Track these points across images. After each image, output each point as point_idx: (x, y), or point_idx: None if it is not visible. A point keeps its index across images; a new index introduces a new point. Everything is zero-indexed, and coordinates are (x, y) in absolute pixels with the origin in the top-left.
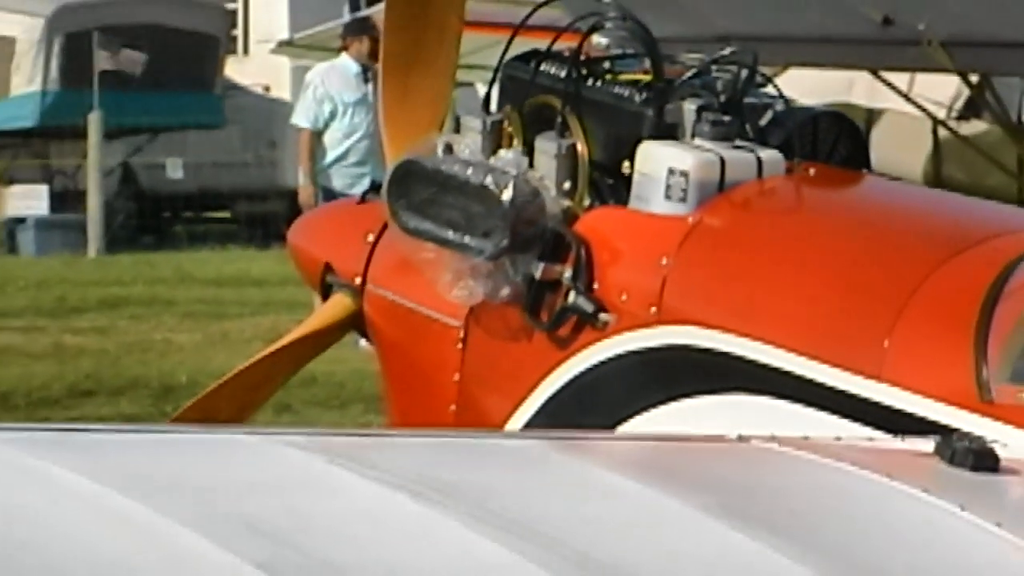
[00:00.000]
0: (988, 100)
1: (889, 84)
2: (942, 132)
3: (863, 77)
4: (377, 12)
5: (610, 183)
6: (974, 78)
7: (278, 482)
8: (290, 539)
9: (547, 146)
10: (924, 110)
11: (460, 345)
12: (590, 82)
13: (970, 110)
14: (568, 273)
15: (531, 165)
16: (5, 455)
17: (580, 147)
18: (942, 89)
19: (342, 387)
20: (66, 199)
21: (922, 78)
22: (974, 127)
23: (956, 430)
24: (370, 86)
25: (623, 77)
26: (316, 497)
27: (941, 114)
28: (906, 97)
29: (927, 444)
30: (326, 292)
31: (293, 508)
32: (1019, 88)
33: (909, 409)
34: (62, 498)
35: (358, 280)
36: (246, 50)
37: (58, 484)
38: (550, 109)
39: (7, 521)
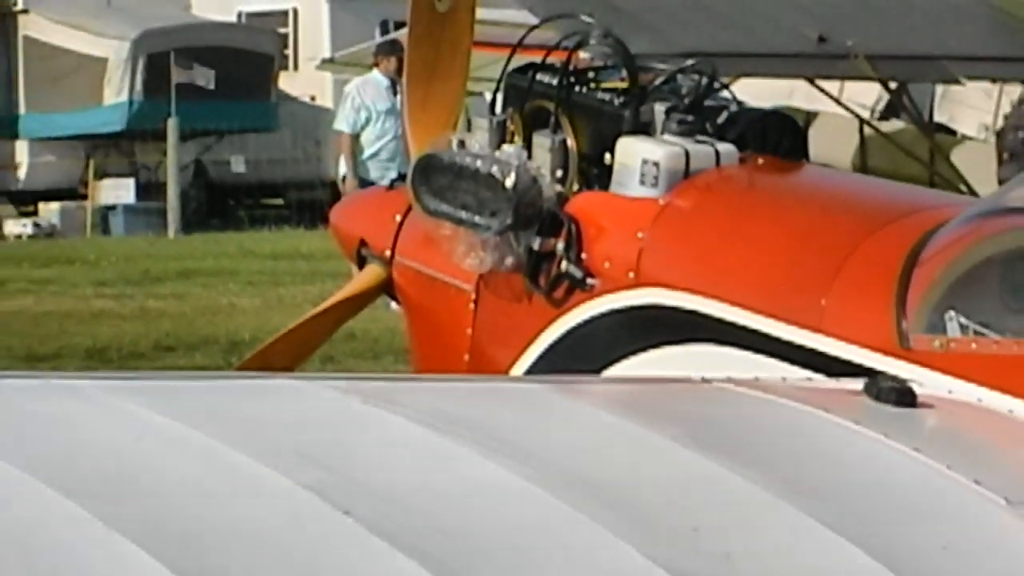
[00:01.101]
0: (904, 103)
1: (823, 90)
2: (867, 130)
3: (802, 85)
4: (402, 35)
5: (595, 172)
6: (893, 85)
7: (323, 419)
8: (333, 466)
9: (543, 141)
10: (852, 112)
11: (472, 306)
12: (578, 89)
13: (889, 111)
14: (561, 245)
15: (530, 157)
16: (102, 400)
17: (570, 142)
18: (867, 94)
19: (376, 341)
20: (149, 189)
21: (850, 85)
22: (893, 125)
23: (881, 373)
24: (398, 96)
25: (605, 85)
26: (355, 431)
27: (866, 115)
28: (837, 101)
29: (857, 384)
30: (361, 263)
31: (335, 440)
32: (929, 92)
33: (842, 355)
34: (147, 434)
35: (388, 253)
36: (296, 66)
37: (144, 423)
38: (545, 111)
39: (104, 455)
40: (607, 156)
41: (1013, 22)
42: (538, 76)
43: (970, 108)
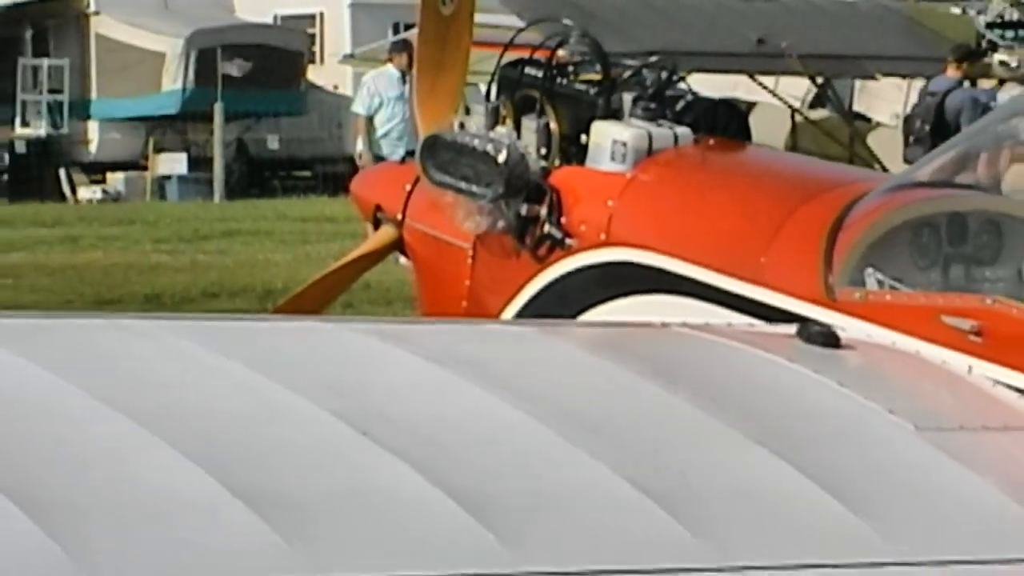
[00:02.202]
0: (829, 95)
1: (762, 84)
2: (798, 117)
3: (744, 79)
4: (411, 34)
5: (573, 150)
6: (820, 80)
7: (346, 356)
8: (356, 396)
9: (530, 124)
10: (786, 103)
11: (470, 261)
12: (559, 81)
13: (817, 102)
14: (544, 211)
15: (519, 137)
16: (160, 337)
17: (553, 125)
18: (798, 88)
19: (388, 291)
20: (198, 163)
21: (784, 80)
22: (820, 114)
23: (810, 319)
24: (406, 86)
25: (582, 77)
26: (372, 366)
27: (797, 105)
28: (773, 93)
29: (791, 329)
30: (376, 224)
31: (356, 374)
32: (849, 86)
33: (779, 305)
34: (197, 367)
35: (399, 216)
36: (321, 61)
37: (194, 357)
38: (532, 99)
39: (161, 384)
40: (583, 137)
41: (920, 29)
42: (526, 70)
43: (883, 100)
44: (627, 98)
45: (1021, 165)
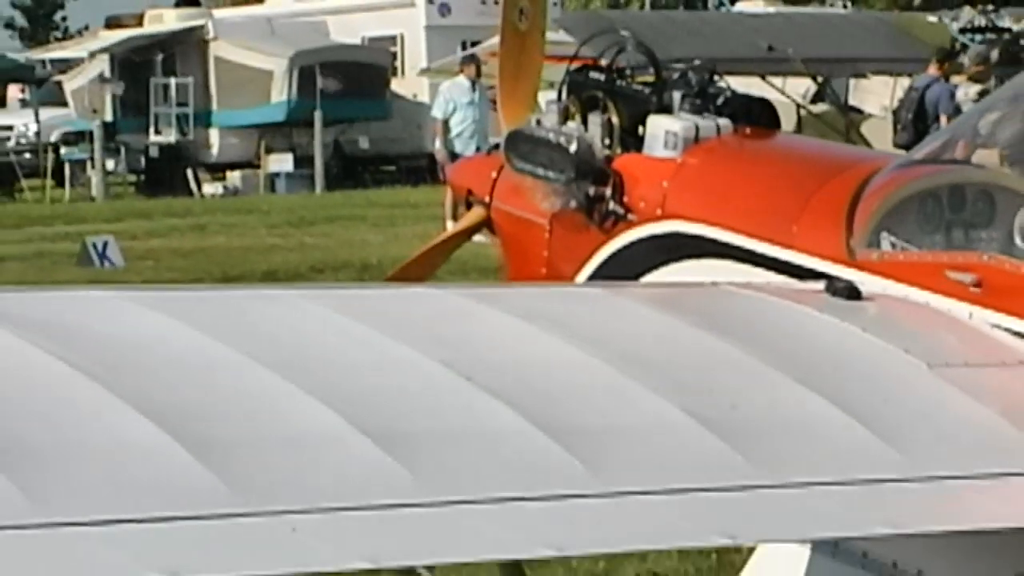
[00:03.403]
0: (828, 92)
1: (771, 84)
2: (802, 112)
3: (756, 80)
4: (478, 50)
5: (632, 140)
6: (820, 79)
7: (448, 314)
8: (458, 346)
9: (595, 119)
10: (791, 99)
11: (547, 235)
12: (619, 82)
13: (817, 98)
14: (609, 192)
15: (586, 130)
16: (293, 304)
17: (614, 120)
18: (801, 86)
19: (465, 263)
20: (302, 161)
21: (790, 80)
22: (820, 108)
23: (836, 277)
24: (475, 93)
25: (638, 79)
26: (472, 322)
27: (801, 101)
28: (781, 91)
29: (819, 285)
30: (469, 205)
31: (460, 330)
32: (845, 84)
33: (808, 265)
34: (324, 327)
35: (487, 199)
36: (403, 73)
37: (322, 318)
38: (596, 98)
39: (294, 340)
40: (640, 129)
41: (904, 35)
42: (591, 74)
43: (874, 95)
44: (676, 96)
45: (1004, 145)
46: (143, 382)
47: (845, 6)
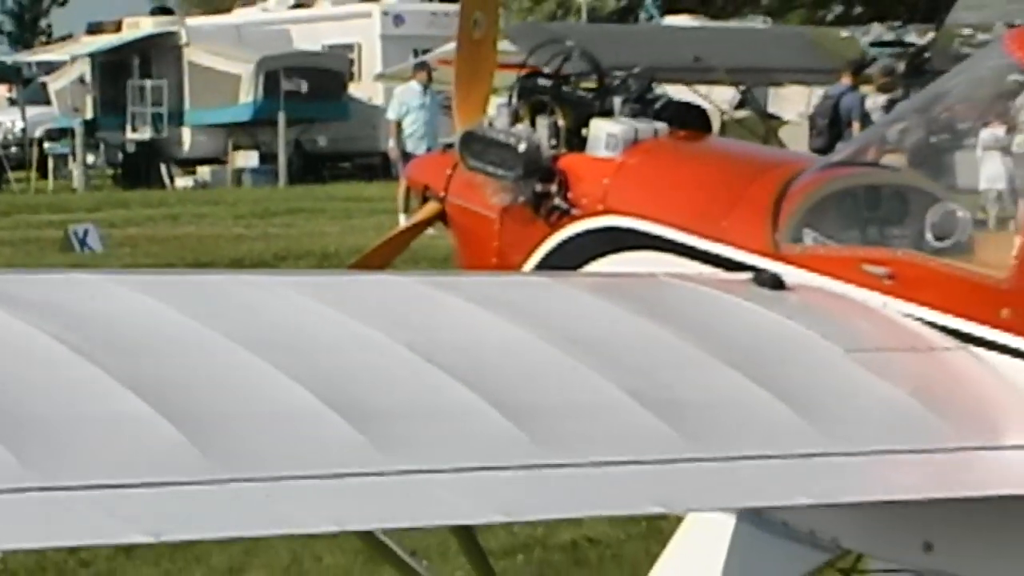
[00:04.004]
0: (749, 100)
1: (698, 92)
2: (726, 117)
3: (684, 89)
4: (429, 57)
5: (576, 141)
6: (742, 88)
7: (408, 299)
8: (421, 330)
9: (542, 122)
10: (716, 106)
11: (497, 228)
12: (564, 88)
13: (740, 105)
14: (554, 188)
15: (534, 132)
16: (269, 288)
17: (560, 122)
18: (726, 94)
19: (416, 252)
20: (266, 158)
21: (715, 89)
22: (742, 114)
23: (762, 269)
24: (426, 97)
25: (581, 85)
26: (430, 307)
27: (725, 107)
28: (706, 99)
29: (747, 276)
30: (425, 200)
31: (421, 314)
32: (765, 92)
33: (736, 258)
34: (296, 309)
35: (442, 194)
36: (360, 78)
37: (295, 303)
38: (543, 103)
39: (270, 324)
40: (583, 131)
41: (818, 48)
42: (539, 81)
43: (791, 102)
44: (617, 101)
45: (913, 150)
46: (130, 359)
47: (764, 21)
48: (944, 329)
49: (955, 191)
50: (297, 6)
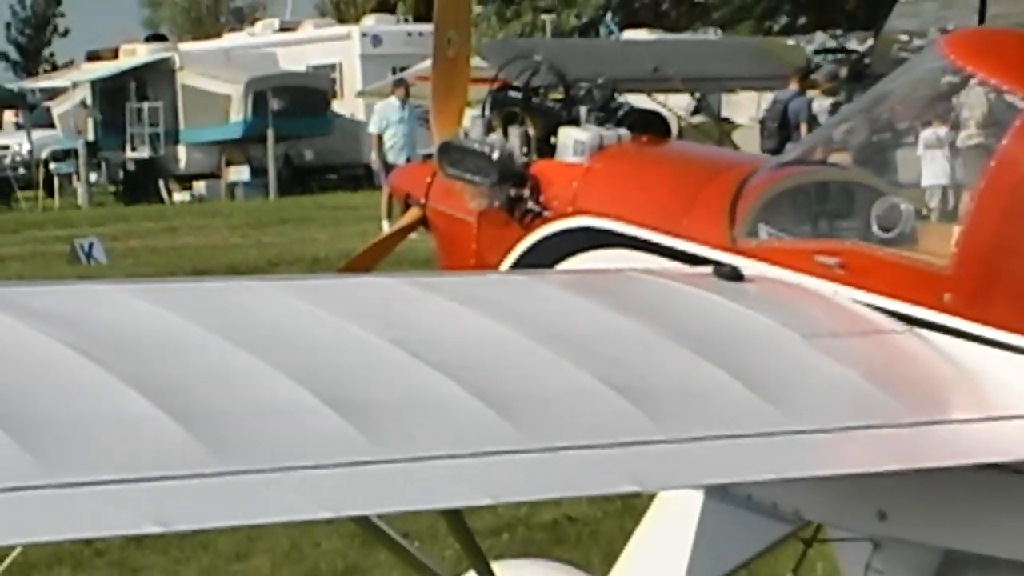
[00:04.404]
0: (704, 106)
1: (656, 100)
2: (683, 123)
3: (644, 97)
4: (406, 74)
5: (546, 148)
6: (698, 95)
7: (395, 300)
8: (404, 327)
9: (514, 131)
10: (674, 112)
11: (475, 231)
12: (534, 100)
13: (696, 111)
14: (527, 193)
15: (507, 141)
16: (264, 293)
17: (531, 131)
18: (682, 101)
19: (399, 254)
20: (257, 172)
21: (672, 96)
22: (698, 120)
23: (722, 262)
24: (405, 112)
25: (550, 96)
26: (415, 306)
27: (682, 113)
28: (664, 106)
29: (708, 270)
30: (407, 206)
31: (406, 313)
32: (718, 99)
33: (698, 253)
34: (290, 311)
35: (423, 200)
36: (342, 96)
37: (289, 305)
38: (515, 113)
39: (267, 325)
40: (552, 138)
41: (766, 56)
42: (510, 93)
43: (743, 107)
44: (583, 110)
45: (858, 149)
46: (136, 362)
47: (716, 33)
48: (892, 314)
49: (898, 186)
50: (282, 30)
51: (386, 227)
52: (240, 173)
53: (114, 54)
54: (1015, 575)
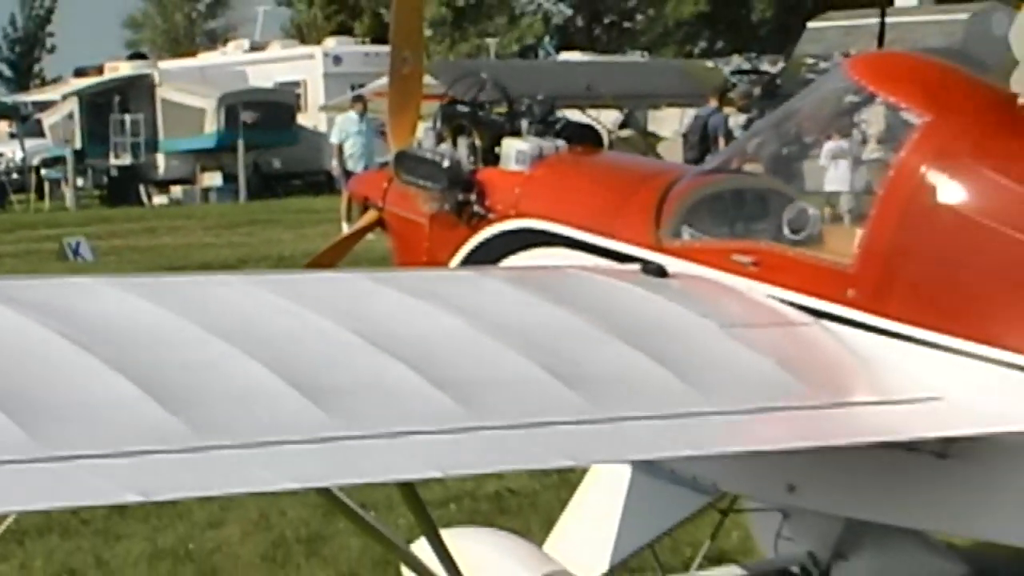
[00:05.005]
0: (632, 121)
1: (588, 115)
2: (612, 136)
3: (578, 112)
4: (365, 91)
5: (491, 157)
6: (626, 111)
7: (355, 293)
8: (365, 318)
9: (462, 141)
10: (604, 126)
11: (427, 231)
12: (480, 113)
13: (624, 126)
14: (474, 197)
15: (455, 150)
16: (236, 286)
17: (477, 142)
18: (612, 116)
19: (357, 254)
20: (228, 178)
21: (603, 112)
22: (626, 133)
23: (648, 261)
24: (363, 124)
25: (495, 110)
26: (373, 299)
27: (611, 127)
28: (596, 121)
29: (636, 267)
30: (365, 209)
31: (365, 305)
32: (645, 114)
33: (627, 252)
34: (260, 304)
35: (380, 204)
36: (306, 109)
37: (259, 298)
38: (463, 126)
39: (234, 314)
40: (497, 148)
41: (688, 76)
42: (458, 107)
43: (667, 122)
44: (524, 123)
45: (769, 159)
46: (120, 349)
47: (643, 55)
48: (800, 307)
49: (806, 192)
50: (252, 50)
51: (346, 228)
52: (213, 179)
53: (99, 70)
54: (907, 542)
